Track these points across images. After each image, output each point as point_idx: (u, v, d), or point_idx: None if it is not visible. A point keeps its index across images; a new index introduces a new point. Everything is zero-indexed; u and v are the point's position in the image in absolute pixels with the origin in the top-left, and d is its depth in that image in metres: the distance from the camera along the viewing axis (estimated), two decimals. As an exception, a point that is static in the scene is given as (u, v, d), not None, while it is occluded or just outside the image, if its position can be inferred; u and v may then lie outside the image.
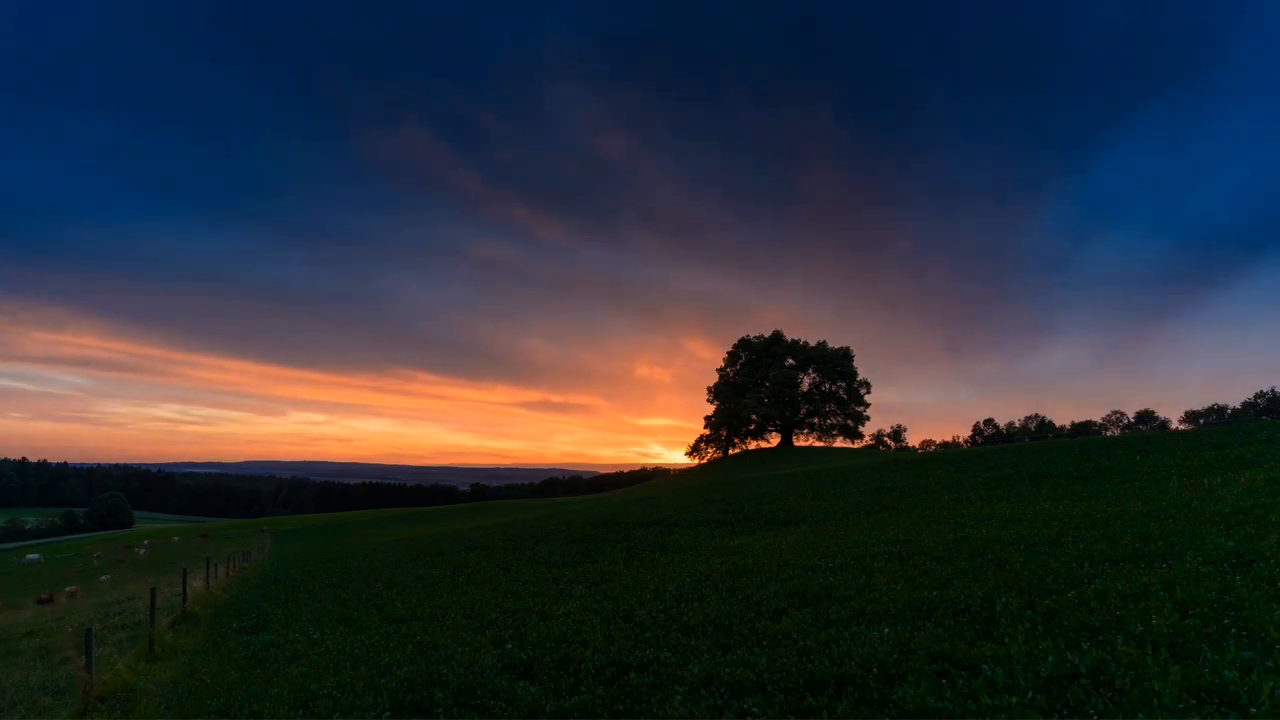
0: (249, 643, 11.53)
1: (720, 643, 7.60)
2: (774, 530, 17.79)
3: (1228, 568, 7.25)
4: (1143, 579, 7.26)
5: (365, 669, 8.61)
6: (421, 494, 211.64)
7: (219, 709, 7.92)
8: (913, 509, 17.67)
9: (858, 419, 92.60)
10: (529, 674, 7.56)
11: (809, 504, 21.76)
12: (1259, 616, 5.60)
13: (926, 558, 10.44)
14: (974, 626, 6.76)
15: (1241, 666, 4.79)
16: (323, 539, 46.68)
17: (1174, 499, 12.59)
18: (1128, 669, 5.02)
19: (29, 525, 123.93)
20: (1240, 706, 4.29)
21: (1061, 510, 13.36)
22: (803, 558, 12.08)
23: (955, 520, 14.15)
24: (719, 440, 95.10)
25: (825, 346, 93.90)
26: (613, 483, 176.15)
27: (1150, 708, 4.43)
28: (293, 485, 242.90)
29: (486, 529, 29.75)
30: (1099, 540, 9.61)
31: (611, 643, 8.15)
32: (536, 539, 21.45)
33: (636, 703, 6.20)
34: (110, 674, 9.94)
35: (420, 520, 59.22)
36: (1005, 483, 20.08)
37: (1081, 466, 20.80)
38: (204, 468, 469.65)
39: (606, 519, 24.46)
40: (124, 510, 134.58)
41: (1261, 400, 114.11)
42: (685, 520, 21.57)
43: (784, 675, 6.16)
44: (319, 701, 7.47)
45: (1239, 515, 9.95)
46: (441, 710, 6.76)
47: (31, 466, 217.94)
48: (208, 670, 9.94)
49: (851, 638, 6.92)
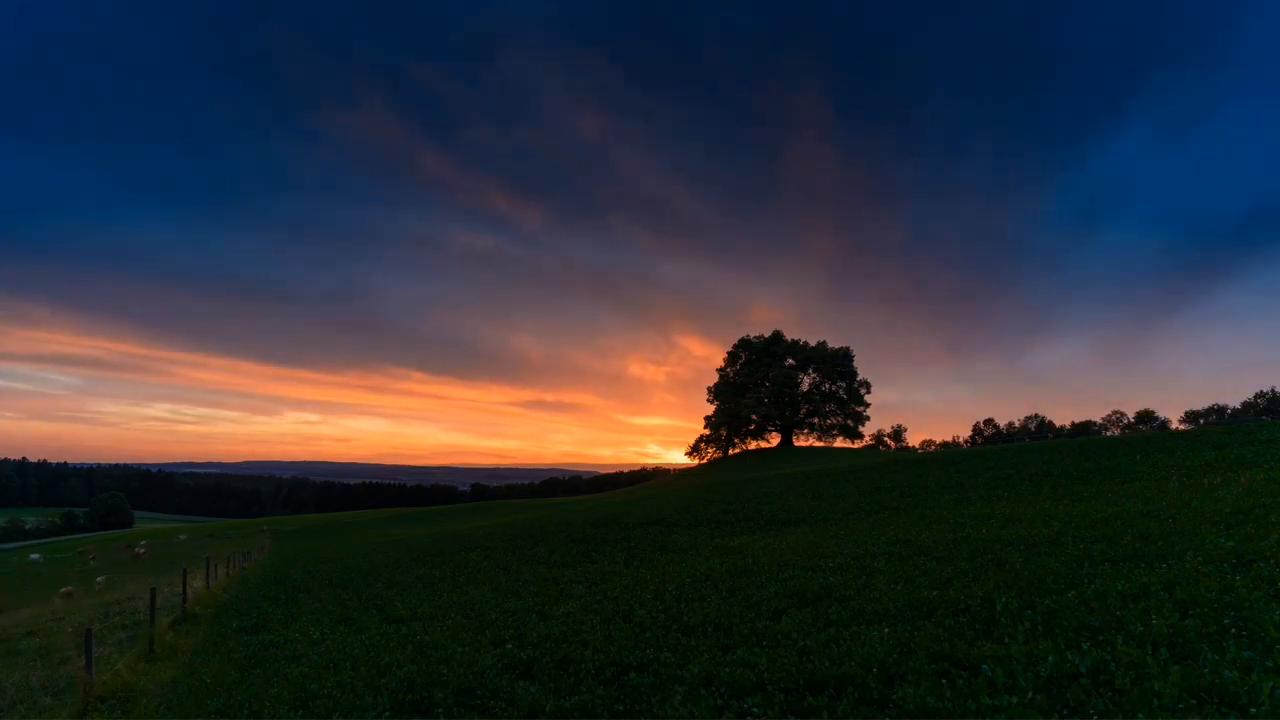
0: (249, 643, 11.53)
1: (720, 643, 7.60)
2: (774, 530, 17.79)
3: (1228, 568, 7.25)
4: (1143, 579, 7.26)
5: (365, 669, 8.61)
6: (421, 494, 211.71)
7: (219, 709, 7.92)
8: (913, 509, 17.68)
9: (858, 419, 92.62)
10: (529, 674, 7.56)
11: (809, 504, 21.76)
12: (1259, 616, 5.60)
13: (926, 558, 10.44)
14: (974, 626, 6.76)
15: (1241, 666, 4.79)
16: (322, 539, 46.68)
17: (1174, 499, 12.59)
18: (1128, 669, 5.02)
19: (29, 525, 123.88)
20: (1240, 706, 4.29)
21: (1061, 510, 13.36)
22: (803, 558, 12.08)
23: (955, 520, 14.15)
24: (719, 440, 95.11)
25: (825, 346, 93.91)
26: (612, 483, 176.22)
27: (1150, 708, 4.43)
28: (292, 485, 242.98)
29: (486, 529, 29.75)
30: (1099, 540, 9.61)
31: (611, 643, 8.15)
32: (536, 539, 21.45)
33: (636, 703, 6.20)
34: (110, 674, 9.94)
35: (420, 520, 59.21)
36: (1005, 483, 20.08)
37: (1081, 466, 20.81)
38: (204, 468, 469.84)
39: (606, 519, 24.46)
40: (124, 510, 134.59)
41: (1261, 400, 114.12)
42: (685, 520, 21.57)
43: (784, 675, 6.16)
44: (319, 701, 7.47)
45: (1239, 515, 9.95)
46: (441, 710, 6.76)
47: (31, 466, 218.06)
48: (208, 670, 9.94)
49: (851, 638, 6.92)
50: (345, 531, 53.25)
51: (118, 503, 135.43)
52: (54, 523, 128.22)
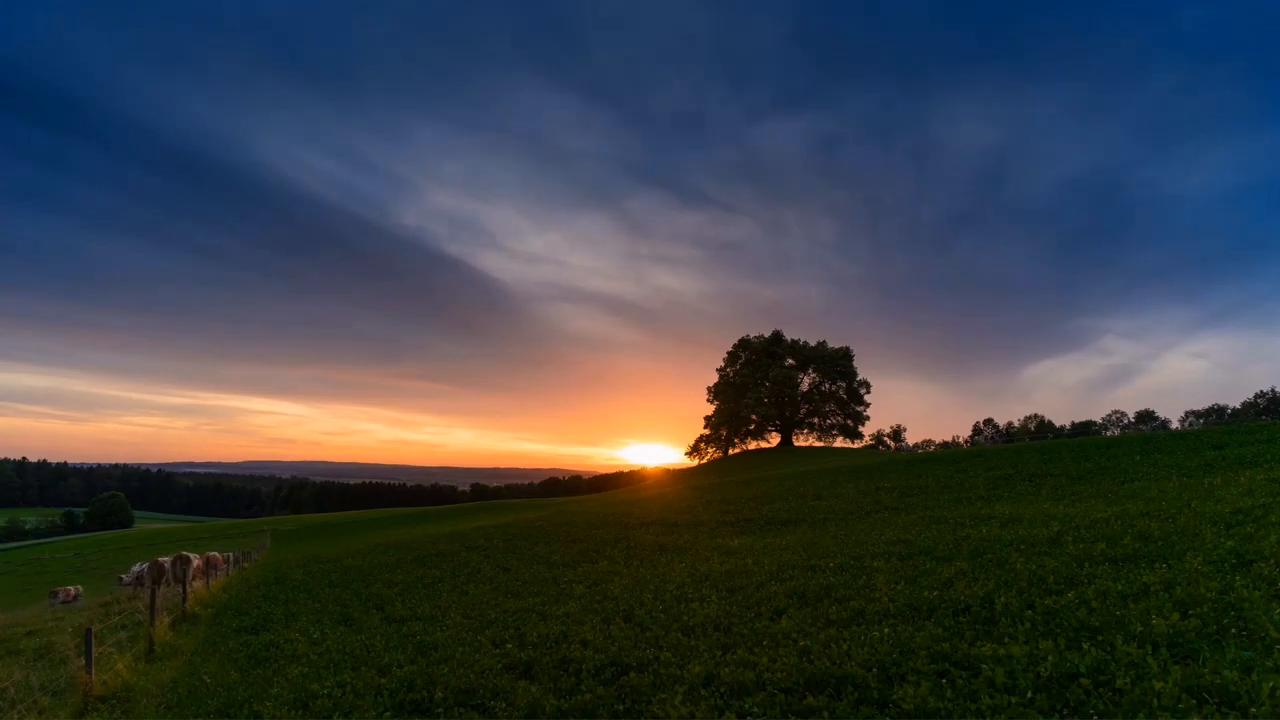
0: (249, 643, 11.53)
1: (720, 643, 7.59)
2: (774, 530, 17.78)
3: (1228, 568, 7.25)
4: (1143, 579, 7.26)
5: (365, 669, 8.61)
6: (421, 494, 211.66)
7: (219, 709, 7.92)
8: (913, 509, 17.67)
9: (857, 419, 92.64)
10: (529, 674, 7.56)
11: (809, 504, 21.75)
12: (1259, 616, 5.60)
13: (926, 558, 10.44)
14: (974, 626, 6.76)
15: (1241, 666, 4.79)
16: (322, 539, 46.67)
17: (1174, 499, 12.59)
18: (1128, 669, 5.02)
19: (29, 525, 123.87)
20: (1240, 707, 4.28)
21: (1061, 510, 13.36)
22: (803, 558, 12.07)
23: (955, 520, 14.14)
24: (719, 440, 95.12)
25: (825, 346, 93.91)
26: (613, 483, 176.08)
27: (1150, 708, 4.43)
28: (292, 485, 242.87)
29: (486, 529, 29.72)
30: (1099, 540, 9.61)
31: (611, 643, 8.14)
32: (536, 539, 21.44)
33: (636, 703, 6.20)
34: (110, 674, 9.92)
35: (420, 520, 59.19)
36: (1005, 483, 20.08)
37: (1081, 466, 20.80)
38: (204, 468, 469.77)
39: (606, 519, 24.46)
40: (124, 510, 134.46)
41: (1261, 400, 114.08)
42: (685, 520, 21.57)
43: (784, 675, 6.16)
44: (319, 701, 7.47)
45: (1239, 515, 9.96)
46: (441, 710, 6.75)
47: (31, 466, 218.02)
48: (208, 670, 9.94)
49: (851, 638, 6.91)
50: (345, 531, 53.24)
51: (118, 503, 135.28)
52: (54, 523, 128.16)
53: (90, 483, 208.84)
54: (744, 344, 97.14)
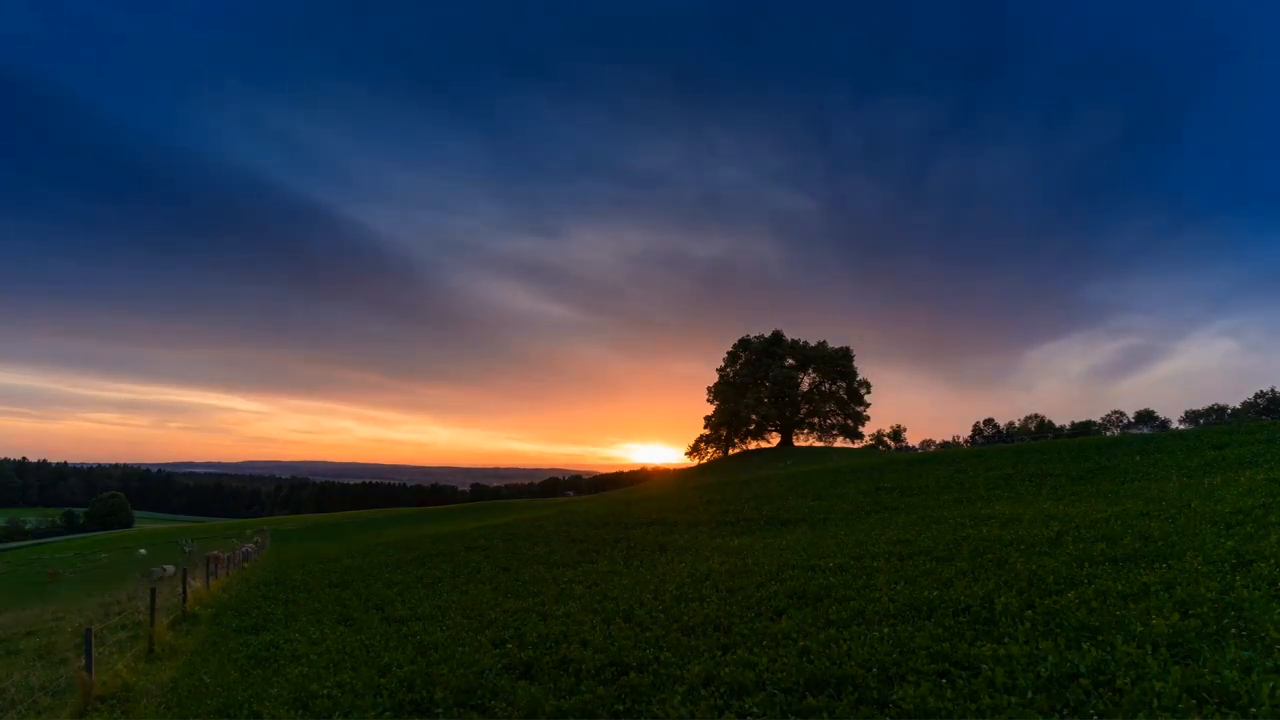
0: (249, 643, 11.54)
1: (720, 643, 7.59)
2: (774, 530, 17.78)
3: (1228, 568, 7.25)
4: (1143, 579, 7.26)
5: (365, 669, 8.61)
6: (421, 494, 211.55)
7: (219, 709, 7.92)
8: (913, 509, 17.67)
9: (858, 419, 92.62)
10: (529, 674, 7.56)
11: (809, 504, 21.75)
12: (1259, 616, 5.61)
13: (926, 558, 10.43)
14: (974, 626, 6.76)
15: (1241, 666, 4.79)
16: (322, 539, 46.68)
17: (1174, 499, 12.59)
18: (1128, 669, 5.02)
19: (29, 525, 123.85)
20: (1240, 707, 4.28)
21: (1061, 510, 13.36)
22: (803, 558, 12.07)
23: (955, 520, 14.14)
24: (719, 440, 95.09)
25: (825, 346, 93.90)
26: (613, 483, 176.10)
27: (1150, 708, 4.43)
28: (292, 485, 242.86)
29: (486, 529, 29.72)
30: (1099, 540, 9.61)
31: (611, 643, 8.14)
32: (536, 539, 21.44)
33: (636, 703, 6.20)
34: (110, 674, 9.93)
35: (420, 520, 59.20)
36: (1005, 483, 20.07)
37: (1081, 466, 20.80)
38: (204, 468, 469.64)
39: (606, 519, 24.46)
40: (124, 510, 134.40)
41: (1261, 400, 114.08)
42: (685, 520, 21.57)
43: (784, 675, 6.15)
44: (319, 701, 7.47)
45: (1239, 515, 9.96)
46: (441, 710, 6.76)
47: (31, 466, 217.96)
48: (208, 670, 9.94)
49: (851, 638, 6.91)
50: (345, 531, 53.24)
51: (118, 503, 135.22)
52: (54, 523, 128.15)
53: (90, 483, 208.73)
54: (744, 344, 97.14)
